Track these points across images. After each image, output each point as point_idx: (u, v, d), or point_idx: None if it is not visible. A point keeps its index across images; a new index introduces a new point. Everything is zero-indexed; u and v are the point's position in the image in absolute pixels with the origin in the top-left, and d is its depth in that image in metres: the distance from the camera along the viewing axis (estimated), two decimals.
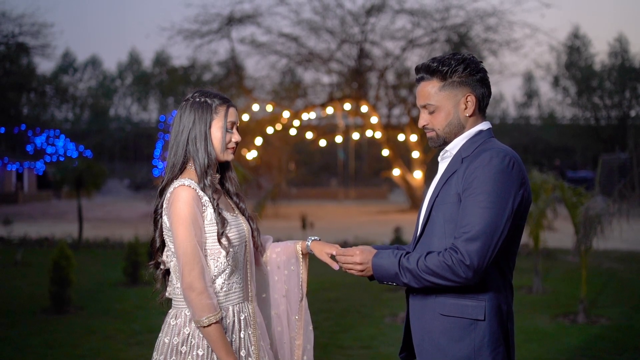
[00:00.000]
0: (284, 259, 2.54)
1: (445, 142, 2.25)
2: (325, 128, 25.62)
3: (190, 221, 2.18)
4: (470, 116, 2.21)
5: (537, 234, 7.97)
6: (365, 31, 23.36)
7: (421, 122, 2.26)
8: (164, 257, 2.34)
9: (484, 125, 2.23)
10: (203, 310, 2.14)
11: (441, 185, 2.18)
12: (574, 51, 43.44)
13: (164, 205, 2.26)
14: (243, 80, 24.46)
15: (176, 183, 2.23)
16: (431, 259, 2.07)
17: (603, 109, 39.98)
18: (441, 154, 2.28)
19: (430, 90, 2.21)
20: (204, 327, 2.15)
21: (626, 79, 39.32)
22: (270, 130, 21.87)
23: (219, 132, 2.30)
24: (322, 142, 23.84)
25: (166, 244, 2.31)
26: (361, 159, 39.27)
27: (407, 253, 2.16)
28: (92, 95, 57.51)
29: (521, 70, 55.85)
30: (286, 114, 21.90)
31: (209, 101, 2.31)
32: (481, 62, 2.24)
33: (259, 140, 20.55)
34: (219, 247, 2.24)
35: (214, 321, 2.14)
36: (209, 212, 2.24)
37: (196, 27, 22.65)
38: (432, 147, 2.28)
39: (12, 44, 27.76)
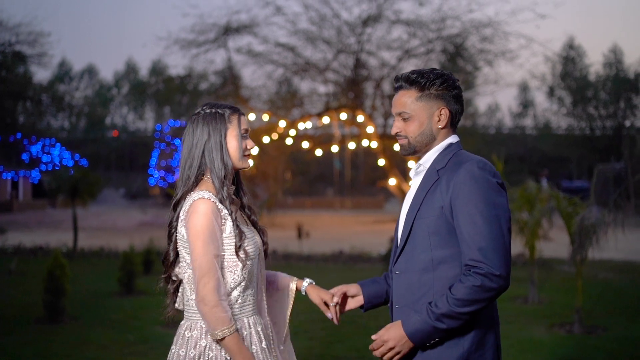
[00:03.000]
0: (278, 291, 2.56)
1: (415, 151, 2.31)
2: (321, 137, 25.57)
3: (208, 234, 2.18)
4: (442, 128, 2.29)
5: (533, 243, 7.98)
6: (362, 41, 23.37)
7: (394, 129, 2.32)
8: (177, 269, 2.34)
9: (453, 139, 2.31)
10: (217, 323, 2.14)
11: (421, 199, 2.22)
12: (569, 62, 43.61)
13: (181, 217, 2.25)
14: (239, 90, 24.43)
15: (195, 195, 2.23)
16: (457, 290, 2.06)
17: (598, 119, 40.12)
18: (414, 168, 2.34)
19: (407, 99, 2.28)
20: (219, 340, 2.15)
21: (621, 90, 39.48)
22: (266, 139, 21.82)
23: (234, 141, 2.32)
24: (318, 152, 23.78)
25: (181, 255, 2.30)
26: (357, 169, 39.27)
27: (430, 303, 2.12)
28: (88, 104, 57.44)
29: (516, 80, 56.12)
30: (282, 124, 21.85)
31: (220, 112, 2.33)
32: (458, 80, 2.31)
33: (255, 150, 20.51)
34: (237, 260, 2.24)
35: (228, 334, 2.14)
36: (228, 225, 2.24)
37: (193, 36, 22.58)
38: (402, 154, 2.35)
39: (8, 53, 27.73)
